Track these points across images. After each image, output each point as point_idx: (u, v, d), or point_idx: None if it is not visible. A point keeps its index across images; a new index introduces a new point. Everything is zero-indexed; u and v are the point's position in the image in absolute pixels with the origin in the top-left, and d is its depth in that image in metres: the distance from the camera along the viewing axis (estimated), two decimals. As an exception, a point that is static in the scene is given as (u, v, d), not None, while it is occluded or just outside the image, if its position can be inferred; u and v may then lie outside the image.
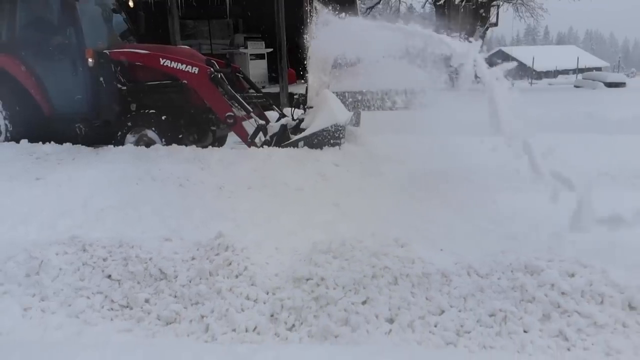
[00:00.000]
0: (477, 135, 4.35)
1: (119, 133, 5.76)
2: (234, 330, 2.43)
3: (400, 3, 25.56)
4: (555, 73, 40.48)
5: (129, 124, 5.78)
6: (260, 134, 5.65)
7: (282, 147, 5.33)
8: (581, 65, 35.91)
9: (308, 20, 14.28)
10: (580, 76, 27.26)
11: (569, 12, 31.49)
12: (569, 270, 2.46)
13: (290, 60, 13.44)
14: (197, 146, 5.60)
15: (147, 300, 2.65)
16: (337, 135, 5.33)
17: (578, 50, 53.07)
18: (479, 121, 3.91)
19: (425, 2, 25.53)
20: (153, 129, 5.71)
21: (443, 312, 2.40)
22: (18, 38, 5.98)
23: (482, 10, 21.51)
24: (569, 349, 2.14)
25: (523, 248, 2.93)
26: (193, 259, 2.90)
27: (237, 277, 2.73)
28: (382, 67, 5.16)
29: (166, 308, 2.59)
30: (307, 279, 2.62)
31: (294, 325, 2.45)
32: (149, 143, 5.68)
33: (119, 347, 2.19)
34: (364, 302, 2.46)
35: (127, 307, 2.64)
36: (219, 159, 5.11)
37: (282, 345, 2.28)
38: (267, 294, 2.65)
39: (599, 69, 43.20)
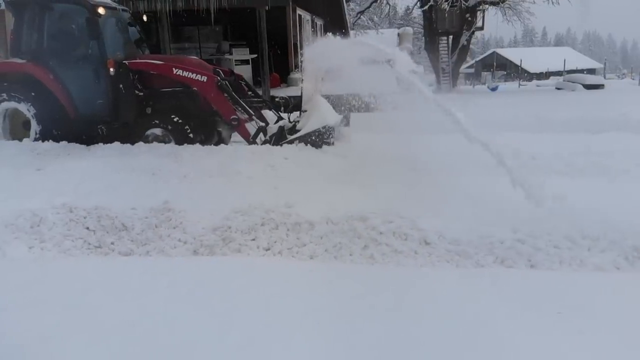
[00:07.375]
0: (435, 133, 5.20)
1: (137, 133, 6.48)
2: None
3: (389, 7, 26.52)
4: (547, 74, 41.35)
5: (146, 125, 6.51)
6: (261, 134, 6.42)
7: (281, 145, 6.20)
8: (573, 67, 36.70)
9: (292, 27, 15.36)
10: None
11: (568, 14, 32.09)
12: (389, 219, 3.68)
13: (275, 65, 14.42)
14: (203, 145, 6.39)
15: (112, 243, 3.89)
16: (327, 135, 6.16)
17: (572, 51, 53.97)
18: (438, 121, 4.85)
19: (414, 6, 26.57)
20: (167, 130, 6.46)
21: (305, 245, 3.63)
22: (46, 49, 6.67)
23: (468, 15, 22.30)
24: (372, 264, 3.35)
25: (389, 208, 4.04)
26: (146, 217, 4.14)
27: (174, 228, 3.98)
28: (366, 73, 5.85)
29: (124, 247, 3.81)
30: (220, 228, 3.85)
31: (207, 256, 3.66)
32: (162, 142, 6.45)
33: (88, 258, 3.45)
34: (252, 239, 3.69)
35: (99, 247, 3.87)
36: (191, 154, 6.14)
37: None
38: (194, 239, 3.87)
39: (592, 70, 43.93)
